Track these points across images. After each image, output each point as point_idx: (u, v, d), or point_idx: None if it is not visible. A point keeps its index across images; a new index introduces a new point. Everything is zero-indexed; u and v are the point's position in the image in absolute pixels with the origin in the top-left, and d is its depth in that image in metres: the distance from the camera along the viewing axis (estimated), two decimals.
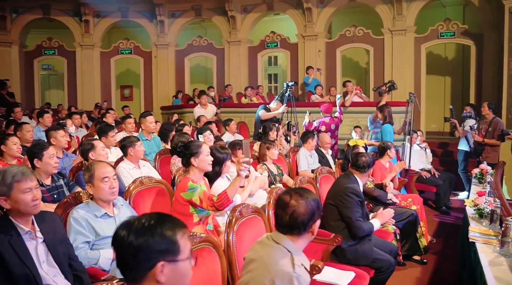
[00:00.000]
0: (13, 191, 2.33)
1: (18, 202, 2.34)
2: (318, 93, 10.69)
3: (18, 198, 2.33)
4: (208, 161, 3.42)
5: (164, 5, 13.97)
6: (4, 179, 2.34)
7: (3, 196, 2.32)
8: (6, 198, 2.33)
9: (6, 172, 2.37)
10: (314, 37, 12.77)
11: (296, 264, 2.07)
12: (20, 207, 2.34)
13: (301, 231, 2.15)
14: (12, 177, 2.36)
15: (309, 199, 2.18)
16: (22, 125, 6.15)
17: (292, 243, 2.15)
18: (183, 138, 5.40)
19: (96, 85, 14.69)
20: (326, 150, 6.86)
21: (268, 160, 5.27)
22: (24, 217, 2.38)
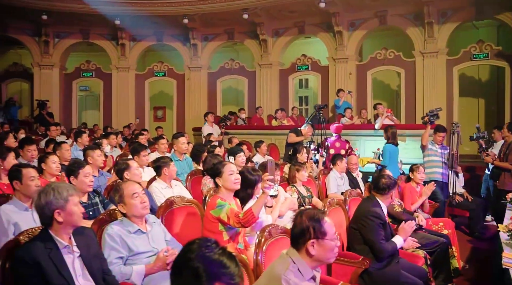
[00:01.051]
0: (68, 204, 2.48)
1: (72, 215, 2.48)
2: (348, 116, 10.70)
3: (72, 211, 2.48)
4: (232, 180, 3.49)
5: (198, 29, 14.35)
6: (60, 193, 2.48)
7: (60, 209, 2.46)
8: (60, 211, 2.46)
9: (60, 187, 2.52)
10: (345, 60, 12.84)
11: (291, 269, 2.21)
12: (71, 219, 2.48)
13: (296, 247, 2.30)
14: (67, 191, 2.51)
15: (303, 217, 2.31)
16: (61, 144, 6.39)
17: (298, 256, 2.28)
18: (216, 160, 5.52)
19: (131, 106, 15.11)
20: (355, 172, 6.84)
21: (297, 182, 5.30)
22: (65, 230, 2.50)
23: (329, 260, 2.35)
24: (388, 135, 7.29)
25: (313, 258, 2.27)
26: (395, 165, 7.22)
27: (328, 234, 2.28)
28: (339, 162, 6.32)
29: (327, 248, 2.27)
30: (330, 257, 2.31)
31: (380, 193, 4.00)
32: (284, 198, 4.73)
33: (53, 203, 2.43)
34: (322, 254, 2.27)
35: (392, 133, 7.27)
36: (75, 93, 15.55)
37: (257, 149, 8.26)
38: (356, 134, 9.96)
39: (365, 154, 9.13)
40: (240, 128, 11.89)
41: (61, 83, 15.00)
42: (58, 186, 2.51)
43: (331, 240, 2.28)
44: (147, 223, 3.13)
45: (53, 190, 2.46)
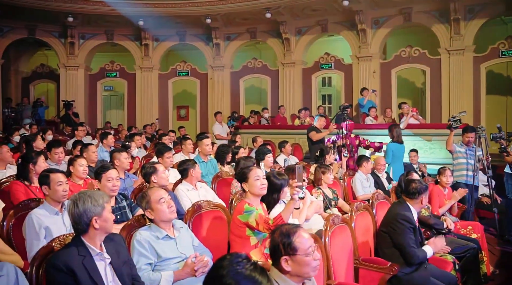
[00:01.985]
0: (104, 210, 2.53)
1: (107, 221, 2.53)
2: (372, 115, 10.58)
3: (107, 217, 2.54)
4: (258, 185, 3.49)
5: (220, 28, 14.39)
6: (97, 200, 2.53)
7: (97, 215, 2.50)
8: (97, 218, 2.50)
9: (95, 194, 2.57)
10: (369, 58, 12.70)
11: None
12: (107, 225, 2.53)
13: (275, 265, 2.23)
14: (102, 198, 2.56)
15: (275, 234, 2.25)
16: (88, 146, 6.48)
17: (279, 274, 2.20)
18: (250, 162, 5.51)
19: (154, 106, 15.25)
20: (381, 172, 6.76)
21: (323, 185, 5.27)
22: (99, 237, 2.54)
23: (308, 275, 2.23)
24: (393, 134, 7.48)
25: (291, 274, 2.19)
26: (399, 163, 7.33)
27: (300, 249, 2.18)
28: (365, 163, 6.25)
29: (302, 264, 2.18)
30: (307, 272, 2.21)
31: (410, 198, 3.94)
32: (310, 201, 4.71)
33: (91, 210, 2.48)
34: (298, 269, 2.18)
35: (397, 132, 7.49)
36: (100, 93, 15.77)
37: (282, 149, 8.25)
38: (381, 133, 9.80)
39: None
40: (262, 128, 11.89)
41: (86, 84, 15.22)
42: (94, 193, 2.56)
43: (305, 255, 2.18)
44: (175, 228, 3.15)
45: (90, 198, 2.50)
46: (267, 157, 5.99)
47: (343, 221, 3.58)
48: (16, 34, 14.31)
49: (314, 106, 13.67)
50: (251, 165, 4.27)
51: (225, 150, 6.91)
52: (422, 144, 9.04)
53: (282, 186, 3.71)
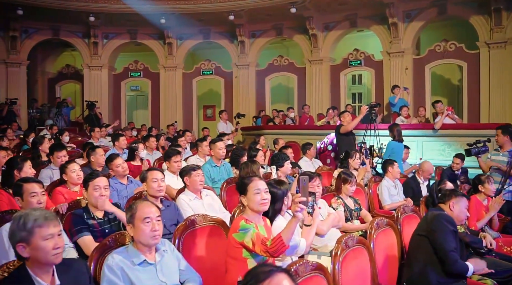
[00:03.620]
0: (33, 237, 2.06)
1: (38, 250, 2.06)
2: (404, 114, 9.85)
3: (39, 246, 2.06)
4: (258, 200, 2.96)
5: (245, 25, 13.92)
6: (25, 223, 2.08)
7: (23, 242, 2.06)
8: (25, 245, 2.06)
9: (28, 216, 2.10)
10: (401, 54, 11.94)
11: None
12: (39, 256, 2.06)
13: None
14: (34, 221, 2.09)
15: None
16: (96, 149, 6.13)
17: None
18: (254, 166, 5.02)
19: (178, 106, 14.94)
20: (426, 179, 6.09)
21: (343, 194, 4.70)
22: (43, 267, 2.09)
23: None
24: (394, 134, 7.23)
25: None
26: (398, 161, 6.67)
27: None
28: (390, 168, 5.64)
29: None
30: None
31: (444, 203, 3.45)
32: (327, 214, 4.16)
33: (16, 234, 2.06)
34: None
35: (398, 131, 7.26)
36: (124, 93, 15.59)
37: (307, 151, 7.69)
38: (413, 134, 9.11)
39: (423, 157, 8.30)
40: (287, 128, 11.41)
41: (110, 84, 15.06)
42: (28, 214, 2.10)
43: None
44: (157, 251, 2.69)
45: (20, 219, 2.07)
46: (286, 163, 5.46)
47: (360, 242, 2.99)
48: (41, 35, 14.28)
49: (343, 105, 12.99)
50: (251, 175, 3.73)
51: (239, 153, 6.43)
52: (458, 146, 8.30)
53: (282, 195, 3.22)
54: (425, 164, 6.10)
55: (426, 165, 6.06)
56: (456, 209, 3.50)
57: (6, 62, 13.89)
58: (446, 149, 8.69)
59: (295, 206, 2.68)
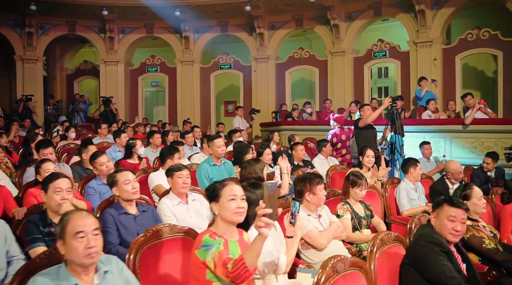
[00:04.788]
0: None
1: None
2: (431, 109, 9.04)
3: None
4: (232, 208, 2.41)
5: (263, 17, 13.31)
6: None
7: None
8: None
9: None
10: (429, 44, 11.09)
11: None
12: None
13: None
14: None
15: None
16: (88, 146, 5.76)
17: None
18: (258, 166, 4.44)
19: (196, 101, 14.49)
20: (456, 182, 5.34)
21: (350, 199, 4.08)
22: None
23: None
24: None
25: None
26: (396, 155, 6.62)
27: None
28: (412, 169, 4.96)
29: None
30: None
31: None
32: (329, 223, 3.56)
33: None
34: None
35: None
36: (141, 88, 15.25)
37: (322, 148, 7.05)
38: (441, 130, 8.36)
39: (451, 156, 7.55)
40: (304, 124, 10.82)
41: (126, 79, 14.73)
42: None
43: None
44: (97, 272, 2.16)
45: None
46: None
47: (354, 265, 2.34)
48: (57, 31, 14.07)
49: (367, 99, 12.23)
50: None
51: (242, 150, 5.87)
52: (492, 143, 7.51)
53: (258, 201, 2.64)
54: (451, 165, 5.36)
55: (452, 166, 5.32)
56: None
57: (23, 59, 13.74)
58: (477, 146, 7.89)
59: (258, 220, 2.10)
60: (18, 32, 13.67)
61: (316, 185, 3.44)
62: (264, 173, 4.38)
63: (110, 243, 3.26)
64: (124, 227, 3.37)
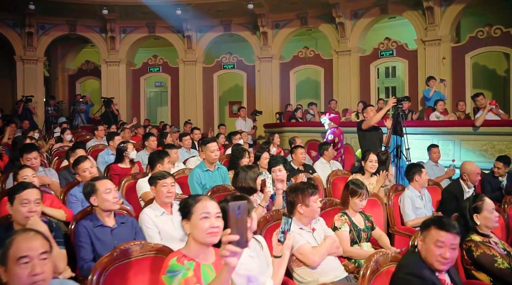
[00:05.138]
0: None
1: None
2: (440, 109, 8.65)
3: None
4: (205, 227, 2.12)
5: (267, 15, 12.99)
6: None
7: None
8: None
9: None
10: (437, 42, 10.71)
11: None
12: None
13: None
14: None
15: None
16: (76, 150, 5.50)
17: None
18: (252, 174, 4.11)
19: (198, 101, 14.21)
20: (473, 184, 4.97)
21: (350, 209, 3.75)
22: None
23: None
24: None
25: None
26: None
27: None
28: (417, 176, 4.61)
29: None
30: None
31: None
32: (324, 237, 3.24)
33: None
34: None
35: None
36: (144, 89, 14.99)
37: (324, 152, 6.72)
38: (450, 132, 7.98)
39: (460, 160, 7.17)
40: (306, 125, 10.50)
41: (128, 79, 14.48)
42: None
43: None
44: None
45: None
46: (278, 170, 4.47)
47: None
48: (57, 31, 13.84)
49: (373, 99, 11.86)
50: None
51: (238, 153, 5.55)
52: (504, 146, 7.13)
53: None
54: (467, 165, 4.99)
55: (468, 167, 4.96)
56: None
57: (23, 59, 13.54)
58: (489, 149, 7.51)
59: (223, 248, 1.77)
60: (18, 32, 13.48)
61: (309, 196, 3.11)
62: (258, 182, 4.04)
63: (82, 259, 3.03)
64: (99, 241, 3.11)
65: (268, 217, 3.39)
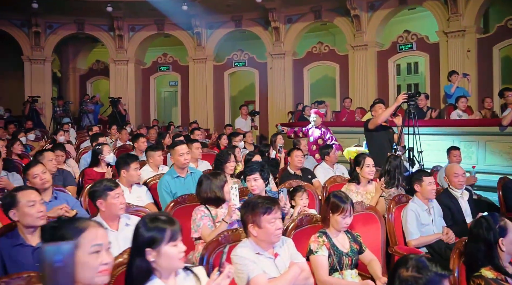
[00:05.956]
0: None
1: None
2: (461, 107, 7.75)
3: None
4: (95, 265, 1.64)
5: (279, 9, 12.31)
6: None
7: None
8: None
9: None
10: (461, 33, 9.81)
11: None
12: None
13: None
14: None
15: None
16: (44, 153, 4.97)
17: None
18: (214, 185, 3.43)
19: (209, 100, 13.66)
20: (460, 188, 4.23)
21: (331, 228, 3.04)
22: None
23: None
24: None
25: None
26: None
27: None
28: (417, 185, 3.86)
29: None
30: None
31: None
32: (290, 264, 2.56)
33: None
34: None
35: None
36: (153, 88, 14.52)
37: (325, 156, 5.99)
38: (473, 132, 7.10)
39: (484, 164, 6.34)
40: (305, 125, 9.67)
41: (137, 79, 14.04)
42: None
43: None
44: None
45: None
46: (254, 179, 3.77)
47: None
48: (65, 30, 13.57)
49: (392, 97, 11.03)
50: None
51: (222, 157, 4.91)
52: None
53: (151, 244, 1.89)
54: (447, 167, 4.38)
55: (448, 168, 4.35)
56: None
57: (30, 59, 13.29)
58: None
59: None
60: (26, 32, 13.23)
61: (261, 215, 2.45)
62: (225, 190, 3.38)
63: None
64: (15, 263, 2.62)
65: (221, 239, 2.72)
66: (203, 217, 3.32)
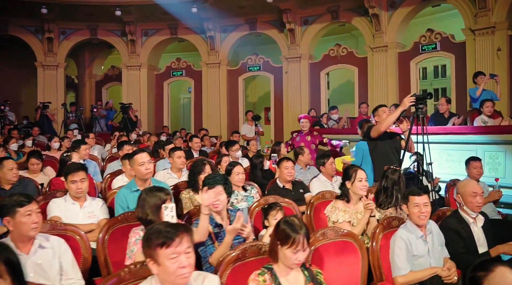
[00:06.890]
0: None
1: None
2: (487, 112, 6.83)
3: None
4: None
5: (294, 10, 11.66)
6: None
7: None
8: None
9: None
10: (490, 30, 8.89)
11: None
12: None
13: None
14: None
15: None
16: (3, 162, 4.56)
17: None
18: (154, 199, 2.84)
19: (222, 106, 13.12)
20: (474, 212, 3.47)
21: (282, 263, 2.37)
22: None
23: None
24: (363, 131, 5.52)
25: None
26: (369, 165, 5.15)
27: None
28: (404, 205, 3.13)
29: None
30: None
31: None
32: None
33: None
34: None
35: (369, 128, 5.27)
36: (167, 94, 14.11)
37: (321, 167, 5.30)
38: (499, 141, 6.22)
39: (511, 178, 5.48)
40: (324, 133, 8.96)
41: (151, 84, 13.67)
42: None
43: None
44: None
45: None
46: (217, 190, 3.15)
47: None
48: (78, 36, 13.38)
49: None
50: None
51: (196, 167, 4.32)
52: None
53: None
54: (461, 184, 3.56)
55: (461, 185, 3.54)
56: None
57: (43, 65, 13.14)
58: None
59: None
60: (39, 38, 13.10)
61: (158, 248, 1.83)
62: (162, 212, 2.75)
63: None
64: None
65: (124, 274, 2.10)
66: (137, 240, 2.73)
